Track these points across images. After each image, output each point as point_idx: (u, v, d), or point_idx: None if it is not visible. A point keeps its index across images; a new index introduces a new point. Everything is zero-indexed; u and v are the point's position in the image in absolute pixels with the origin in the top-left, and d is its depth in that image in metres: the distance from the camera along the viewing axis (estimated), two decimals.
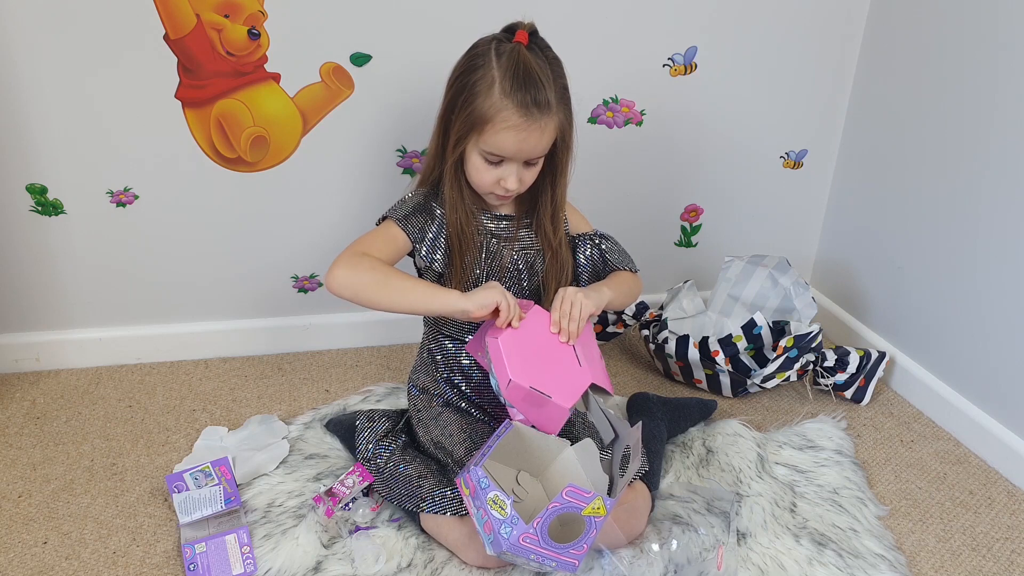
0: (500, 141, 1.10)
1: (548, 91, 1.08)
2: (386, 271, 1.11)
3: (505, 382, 1.05)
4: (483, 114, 1.09)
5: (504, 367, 1.05)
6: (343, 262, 1.11)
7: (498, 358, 1.06)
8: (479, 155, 1.13)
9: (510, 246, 1.23)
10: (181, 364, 1.62)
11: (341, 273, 1.10)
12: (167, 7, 1.34)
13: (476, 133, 1.11)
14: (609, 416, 1.14)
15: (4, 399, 1.49)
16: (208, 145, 1.46)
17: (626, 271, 1.28)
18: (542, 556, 0.97)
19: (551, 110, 1.09)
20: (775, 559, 1.13)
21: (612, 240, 1.30)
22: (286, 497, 1.23)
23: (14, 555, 1.13)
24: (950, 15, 1.42)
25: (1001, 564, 1.16)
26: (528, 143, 1.10)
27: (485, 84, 1.08)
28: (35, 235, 1.48)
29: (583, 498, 0.97)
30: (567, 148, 1.17)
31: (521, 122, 1.08)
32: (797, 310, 1.54)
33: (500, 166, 1.13)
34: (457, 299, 1.08)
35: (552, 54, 1.13)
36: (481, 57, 1.10)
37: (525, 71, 1.07)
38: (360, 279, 1.10)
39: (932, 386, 1.50)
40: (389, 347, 1.70)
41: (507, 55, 1.08)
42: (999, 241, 1.35)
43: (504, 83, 1.07)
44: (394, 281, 1.10)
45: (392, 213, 1.19)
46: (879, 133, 1.62)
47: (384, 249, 1.16)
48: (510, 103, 1.07)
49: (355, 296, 1.11)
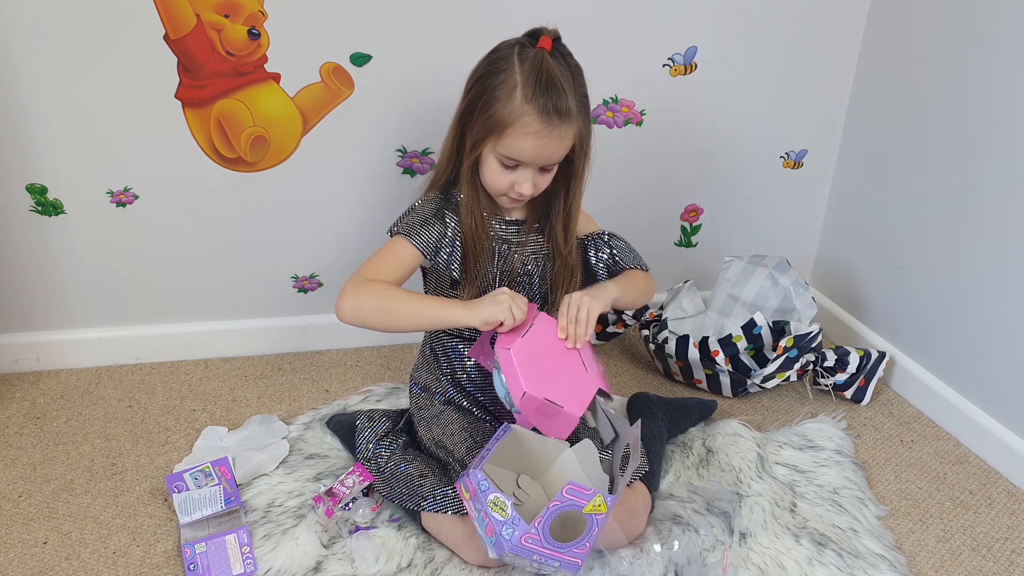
0: (519, 146, 1.10)
1: (569, 98, 1.08)
2: (390, 297, 1.12)
3: (519, 394, 1.04)
4: (503, 118, 1.08)
5: (517, 378, 1.05)
6: (348, 292, 1.12)
7: (510, 369, 1.06)
8: (496, 158, 1.13)
9: (521, 251, 1.23)
10: (181, 364, 1.62)
11: (347, 304, 1.11)
12: (167, 7, 1.34)
13: (495, 137, 1.10)
14: (610, 416, 1.14)
15: (4, 399, 1.49)
16: (208, 145, 1.46)
17: (637, 270, 1.27)
18: (545, 557, 0.97)
19: (571, 118, 1.09)
20: (775, 559, 1.13)
21: (621, 239, 1.30)
22: (286, 497, 1.23)
23: (14, 555, 1.13)
24: (950, 15, 1.42)
25: (1001, 564, 1.16)
26: (547, 149, 1.10)
27: (507, 88, 1.08)
28: (35, 235, 1.48)
29: (584, 495, 0.97)
30: (585, 155, 1.16)
31: (541, 128, 1.08)
32: (797, 310, 1.54)
33: (516, 170, 1.13)
34: (463, 314, 1.10)
35: (574, 61, 1.13)
36: (503, 61, 1.10)
37: (548, 77, 1.07)
38: (365, 307, 1.12)
39: (932, 386, 1.50)
40: (389, 347, 1.70)
41: (530, 60, 1.08)
42: (999, 241, 1.35)
43: (526, 88, 1.07)
44: (400, 306, 1.12)
45: (403, 229, 1.18)
46: (879, 133, 1.62)
47: (392, 272, 1.16)
48: (531, 108, 1.07)
49: (363, 324, 1.13)
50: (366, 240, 1.56)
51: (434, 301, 1.15)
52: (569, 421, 1.08)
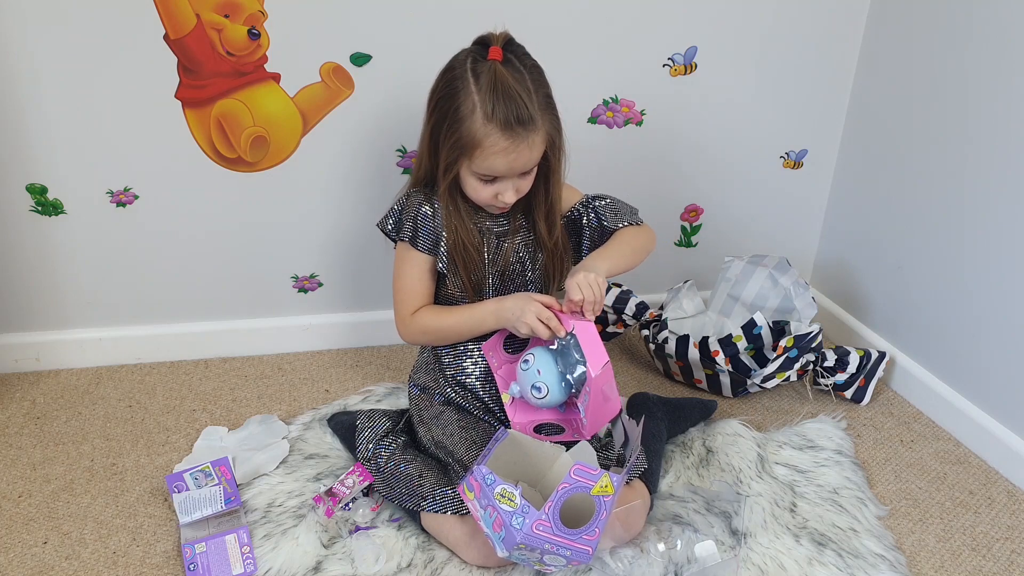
0: (491, 164, 1.10)
1: (531, 106, 1.07)
2: (438, 331, 1.24)
3: (601, 363, 1.07)
4: (470, 140, 1.09)
5: (601, 349, 1.08)
6: (402, 333, 1.27)
7: (591, 339, 1.09)
8: (473, 176, 1.14)
9: (511, 240, 1.23)
10: (181, 364, 1.62)
11: (406, 340, 1.29)
12: (167, 7, 1.34)
13: (466, 158, 1.11)
14: (624, 421, 1.17)
15: (4, 399, 1.49)
16: (208, 145, 1.46)
17: (627, 227, 1.26)
18: (556, 545, 0.97)
19: (536, 125, 1.09)
20: (775, 559, 1.13)
21: (605, 198, 1.28)
22: (286, 497, 1.23)
23: (14, 555, 1.13)
24: (950, 15, 1.41)
25: (1001, 564, 1.16)
26: (519, 161, 1.11)
27: (466, 109, 1.08)
28: (35, 235, 1.48)
29: (591, 476, 0.98)
30: (558, 151, 1.17)
31: (508, 144, 1.08)
32: (797, 310, 1.54)
33: (495, 183, 1.14)
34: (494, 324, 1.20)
35: (530, 61, 1.12)
36: (459, 80, 1.09)
37: (504, 90, 1.06)
38: (421, 341, 1.29)
39: (932, 386, 1.50)
40: (389, 347, 1.70)
41: (484, 75, 1.07)
42: (999, 241, 1.35)
43: (485, 107, 1.06)
44: (447, 333, 1.24)
45: (401, 235, 1.22)
46: (879, 133, 1.62)
47: (426, 289, 1.25)
48: (494, 127, 1.07)
49: (430, 344, 1.30)
50: (366, 240, 1.57)
51: (469, 315, 1.22)
52: (614, 409, 1.12)
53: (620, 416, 1.19)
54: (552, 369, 1.14)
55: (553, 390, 1.14)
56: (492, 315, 1.19)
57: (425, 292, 1.25)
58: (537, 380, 1.14)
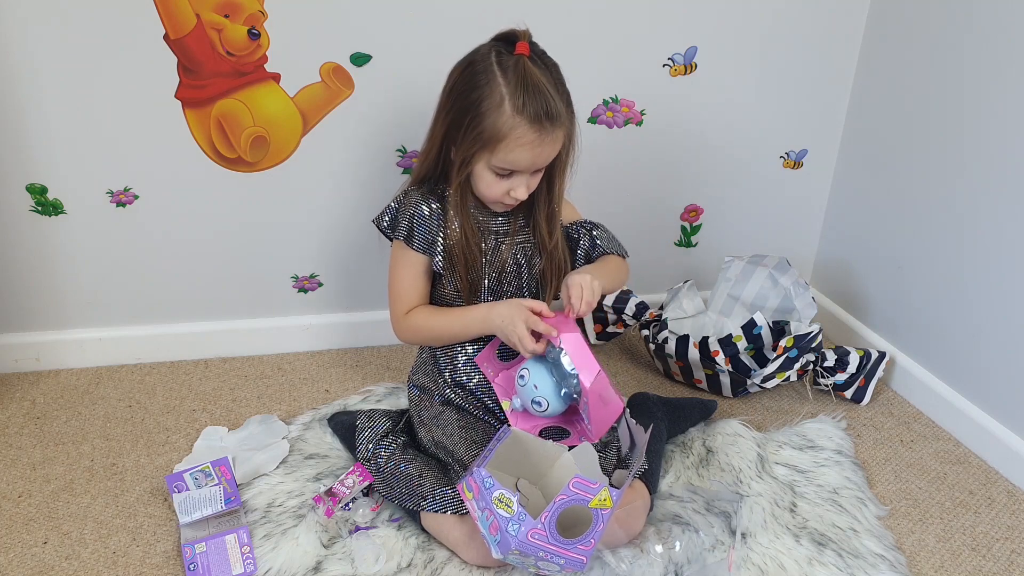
0: (514, 157, 1.10)
1: (557, 101, 1.09)
2: (431, 330, 1.25)
3: (594, 372, 1.07)
4: (495, 132, 1.09)
5: (591, 358, 1.08)
6: (397, 332, 1.28)
7: (580, 349, 1.09)
8: (490, 170, 1.14)
9: (509, 242, 1.23)
10: (181, 364, 1.62)
11: (402, 339, 1.29)
12: (167, 7, 1.34)
13: (487, 151, 1.11)
14: (630, 425, 1.16)
15: (4, 399, 1.49)
16: (208, 145, 1.46)
17: (614, 255, 1.30)
18: (550, 553, 0.97)
19: (561, 120, 1.10)
20: (775, 559, 1.13)
21: (603, 228, 1.32)
22: (286, 497, 1.23)
23: (14, 555, 1.13)
24: (950, 15, 1.41)
25: (1001, 564, 1.16)
26: (542, 156, 1.12)
27: (493, 102, 1.08)
28: (35, 235, 1.48)
29: (590, 489, 0.97)
30: (571, 150, 1.18)
31: (536, 137, 1.09)
32: (797, 310, 1.54)
33: (510, 178, 1.15)
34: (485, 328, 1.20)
35: (550, 60, 1.13)
36: (483, 74, 1.09)
37: (535, 84, 1.07)
38: (415, 341, 1.30)
39: (932, 386, 1.50)
40: (389, 347, 1.70)
41: (512, 69, 1.08)
42: (999, 241, 1.35)
43: (515, 99, 1.07)
44: (440, 334, 1.25)
45: (396, 233, 1.22)
46: (879, 133, 1.62)
47: (422, 288, 1.26)
48: (523, 120, 1.07)
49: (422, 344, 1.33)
50: (366, 240, 1.57)
51: (463, 318, 1.22)
52: (616, 410, 1.12)
53: (625, 417, 1.18)
54: (548, 382, 1.14)
55: (552, 402, 1.15)
56: (482, 321, 1.19)
57: (419, 292, 1.25)
58: (536, 395, 1.14)
